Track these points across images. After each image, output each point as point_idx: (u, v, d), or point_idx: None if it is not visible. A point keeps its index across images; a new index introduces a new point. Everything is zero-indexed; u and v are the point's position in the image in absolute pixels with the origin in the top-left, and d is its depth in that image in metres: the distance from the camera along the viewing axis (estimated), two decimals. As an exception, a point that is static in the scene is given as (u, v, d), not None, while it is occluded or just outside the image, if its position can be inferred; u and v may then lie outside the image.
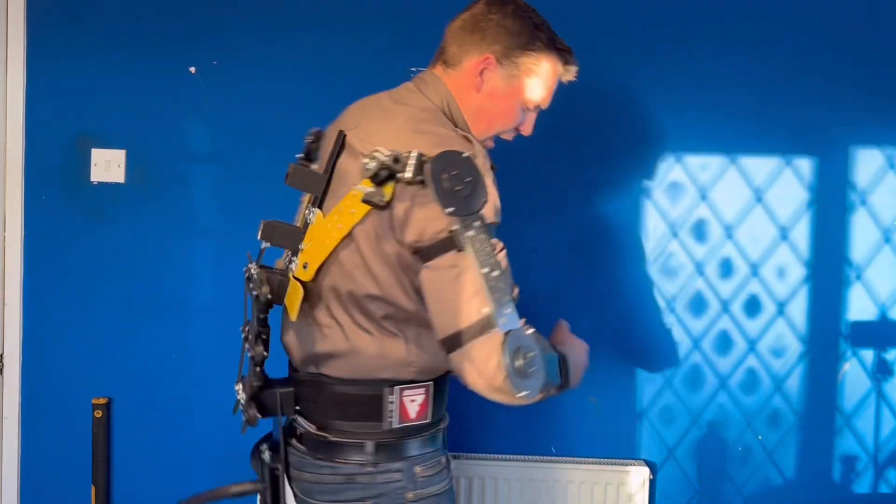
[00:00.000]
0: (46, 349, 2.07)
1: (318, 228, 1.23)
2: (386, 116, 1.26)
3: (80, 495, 2.07)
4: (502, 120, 1.32)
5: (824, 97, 2.01)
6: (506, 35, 1.27)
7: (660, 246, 2.03)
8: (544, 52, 1.28)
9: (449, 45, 1.31)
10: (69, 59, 2.04)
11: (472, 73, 1.28)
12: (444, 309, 1.13)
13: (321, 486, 1.25)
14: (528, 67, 1.28)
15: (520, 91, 1.30)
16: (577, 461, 2.02)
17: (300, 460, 1.29)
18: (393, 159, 1.11)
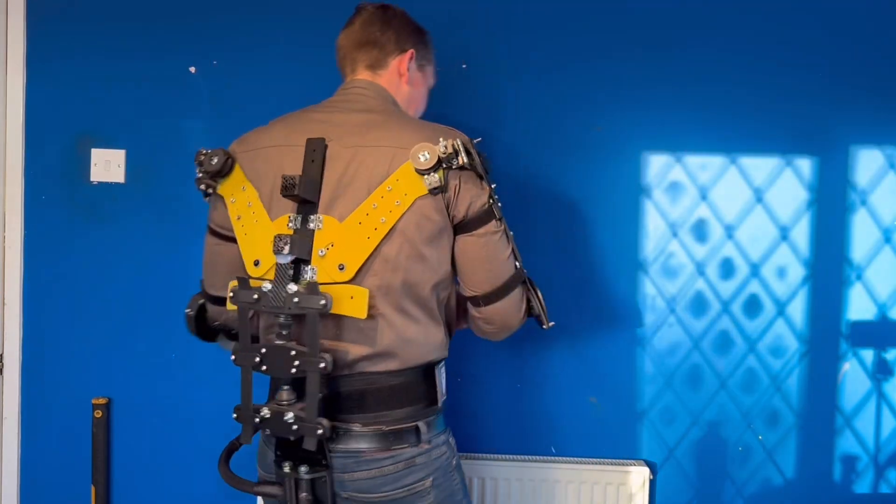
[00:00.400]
0: (46, 349, 2.07)
1: (339, 231, 1.27)
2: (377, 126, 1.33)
3: (80, 495, 2.07)
4: (422, 104, 1.54)
5: (825, 97, 2.01)
6: (413, 32, 1.47)
7: (660, 246, 2.03)
8: (429, 42, 1.52)
9: (361, 52, 1.44)
10: (69, 59, 2.04)
11: (400, 69, 1.45)
12: (492, 267, 1.35)
13: (383, 477, 1.30)
14: (429, 57, 1.52)
15: (427, 78, 1.53)
16: (577, 461, 2.02)
17: (352, 462, 1.30)
18: (451, 149, 1.26)
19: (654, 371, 2.05)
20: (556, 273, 2.02)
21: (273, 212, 1.31)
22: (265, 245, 1.29)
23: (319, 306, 1.22)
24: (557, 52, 2.02)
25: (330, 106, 1.39)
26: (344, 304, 1.26)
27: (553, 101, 2.03)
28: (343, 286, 1.26)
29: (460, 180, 1.29)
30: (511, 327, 1.43)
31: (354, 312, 1.26)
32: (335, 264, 1.27)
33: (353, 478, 1.30)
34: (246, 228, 1.33)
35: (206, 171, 1.36)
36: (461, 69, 2.03)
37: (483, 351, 2.03)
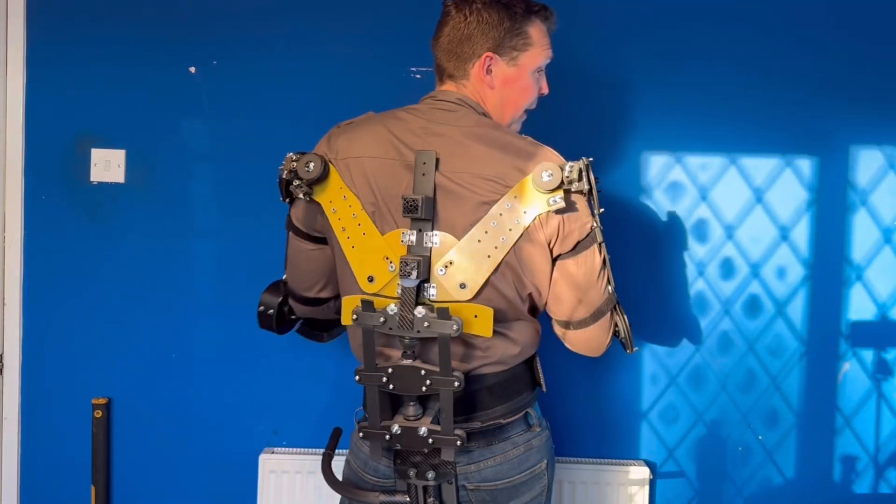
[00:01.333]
0: (46, 349, 2.07)
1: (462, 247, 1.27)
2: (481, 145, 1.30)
3: (80, 495, 2.07)
4: (525, 97, 1.42)
5: (824, 97, 2.01)
6: (490, 29, 1.35)
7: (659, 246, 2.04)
8: (527, 23, 1.37)
9: (446, 62, 1.39)
10: (69, 58, 2.04)
11: (480, 76, 1.37)
12: (589, 296, 1.35)
13: (508, 462, 1.35)
14: (522, 43, 1.37)
15: (525, 67, 1.39)
16: (577, 461, 2.02)
17: (476, 454, 1.34)
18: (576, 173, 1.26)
19: (654, 371, 2.05)
20: (556, 273, 2.02)
21: (381, 225, 1.30)
22: (378, 261, 1.28)
23: (452, 331, 1.23)
24: (557, 52, 2.02)
25: (419, 114, 1.35)
26: (471, 324, 1.27)
27: (553, 101, 2.02)
28: (466, 305, 1.27)
29: (578, 204, 1.30)
30: (595, 351, 1.43)
31: (480, 331, 1.27)
32: (456, 283, 1.27)
33: (479, 468, 1.34)
34: (353, 241, 1.31)
35: (300, 177, 1.31)
36: (461, 69, 2.02)
37: (483, 351, 2.03)
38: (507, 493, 1.35)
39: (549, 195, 1.25)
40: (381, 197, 1.29)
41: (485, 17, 1.34)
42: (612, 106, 2.02)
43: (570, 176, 1.26)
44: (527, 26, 1.37)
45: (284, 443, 2.06)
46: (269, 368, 2.04)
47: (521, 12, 1.36)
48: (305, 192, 1.33)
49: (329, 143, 1.36)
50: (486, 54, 1.35)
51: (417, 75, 2.01)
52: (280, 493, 1.99)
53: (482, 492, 1.35)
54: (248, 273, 2.01)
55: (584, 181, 1.27)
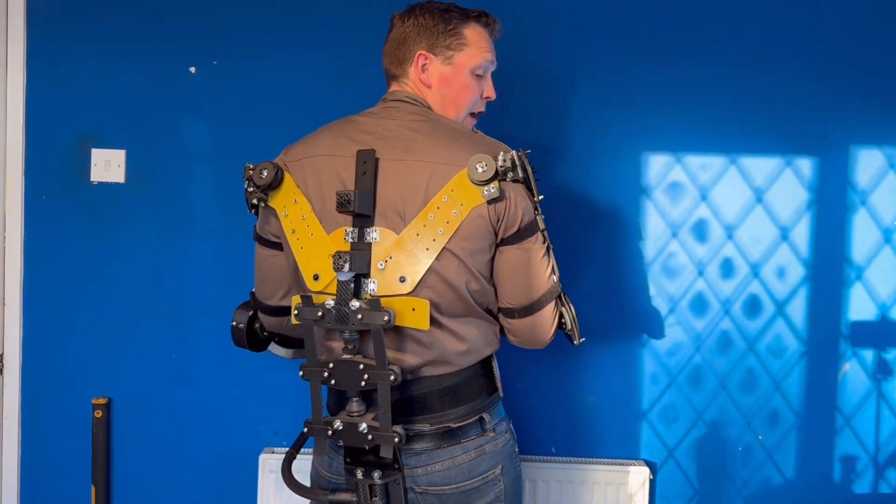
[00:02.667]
0: (46, 349, 2.07)
1: (401, 242, 1.28)
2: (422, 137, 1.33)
3: (80, 495, 2.07)
4: (465, 96, 1.45)
5: (825, 97, 2.01)
6: (424, 30, 1.41)
7: (660, 246, 2.03)
8: (461, 24, 1.43)
9: (389, 65, 1.45)
10: (69, 58, 2.04)
11: (417, 74, 1.42)
12: (533, 282, 1.36)
13: (456, 468, 1.34)
14: (456, 43, 1.42)
15: (461, 66, 1.43)
16: (577, 461, 2.02)
17: (425, 457, 1.33)
18: (510, 162, 1.29)
19: (654, 371, 2.05)
20: (556, 273, 2.03)
21: (327, 225, 1.32)
22: (323, 259, 1.30)
23: (383, 322, 1.24)
24: (558, 52, 2.02)
25: (371, 115, 1.40)
26: (406, 317, 1.28)
27: (553, 102, 2.03)
28: (404, 298, 1.28)
29: (515, 193, 1.31)
30: (539, 342, 1.43)
31: (417, 324, 1.28)
32: (396, 276, 1.28)
33: (427, 471, 1.33)
34: (302, 242, 1.33)
35: (256, 185, 1.36)
36: (461, 69, 2.02)
37: (483, 351, 2.03)
38: (457, 499, 1.34)
39: (483, 186, 1.27)
40: (327, 196, 1.32)
41: (420, 21, 1.42)
42: (612, 106, 2.02)
43: (504, 165, 1.28)
44: (462, 28, 1.42)
45: (284, 443, 2.06)
46: (269, 368, 2.04)
47: (456, 16, 1.43)
48: (260, 198, 1.37)
49: (286, 152, 1.42)
50: (420, 52, 1.41)
51: (417, 75, 2.01)
52: (280, 493, 1.99)
53: (430, 496, 1.34)
54: (247, 273, 1.99)
55: (518, 170, 1.29)
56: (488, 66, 1.47)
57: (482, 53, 1.44)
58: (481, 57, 1.44)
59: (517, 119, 2.02)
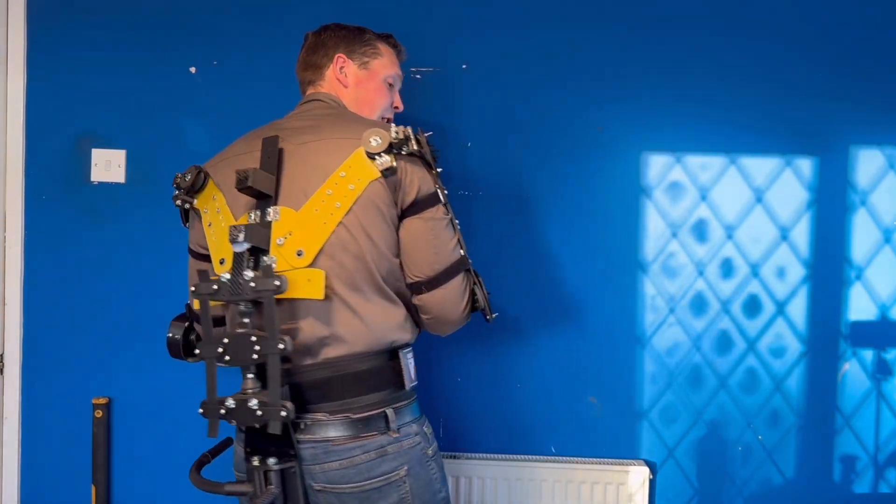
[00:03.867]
0: (46, 349, 2.08)
1: (296, 219, 1.31)
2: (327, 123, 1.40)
3: (80, 495, 2.08)
4: (379, 97, 1.55)
5: (825, 97, 2.01)
6: (342, 38, 1.54)
7: (660, 246, 2.03)
8: (376, 40, 1.56)
9: (304, 73, 1.55)
10: (69, 58, 2.04)
11: (335, 75, 1.51)
12: (436, 251, 1.37)
13: (354, 468, 1.31)
14: (372, 52, 1.54)
15: (376, 72, 1.54)
16: (577, 461, 2.02)
17: (321, 452, 1.31)
18: (403, 135, 1.32)
19: (654, 371, 2.05)
20: (556, 272, 2.02)
21: (237, 213, 1.36)
22: (228, 243, 1.33)
23: (273, 287, 1.25)
24: (558, 52, 2.02)
25: (288, 116, 1.48)
26: (300, 287, 1.29)
27: (554, 102, 2.03)
28: (300, 270, 1.30)
29: (410, 165, 1.34)
30: (450, 319, 1.42)
31: (311, 294, 1.29)
32: (293, 251, 1.30)
33: (324, 469, 1.31)
34: (215, 233, 1.38)
35: (179, 186, 1.42)
36: (461, 70, 2.03)
37: (482, 350, 2.03)
38: (357, 498, 1.32)
39: (379, 159, 1.31)
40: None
41: (337, 32, 1.54)
42: (612, 106, 2.02)
43: (397, 138, 1.32)
44: (376, 42, 1.56)
45: (284, 443, 2.06)
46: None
47: (370, 33, 1.57)
48: (184, 200, 1.43)
49: (211, 160, 1.47)
50: (339, 55, 1.51)
51: (417, 76, 2.01)
52: (280, 492, 1.99)
53: (329, 494, 1.32)
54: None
55: (412, 143, 1.33)
56: (397, 80, 1.59)
57: (393, 66, 1.58)
58: (392, 69, 1.57)
59: (517, 119, 2.02)
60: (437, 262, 1.37)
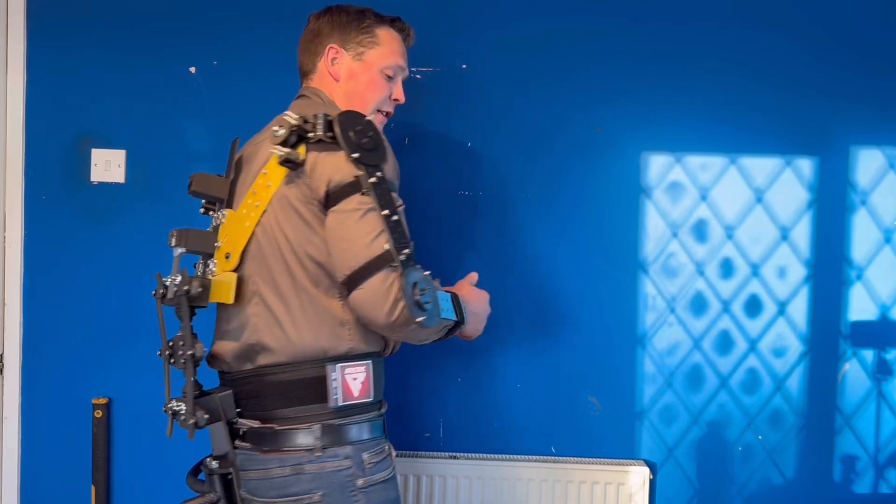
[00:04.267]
0: (46, 349, 2.07)
1: (231, 221, 1.31)
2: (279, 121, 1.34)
3: (80, 495, 2.07)
4: (372, 91, 1.45)
5: (825, 97, 2.01)
6: (337, 26, 1.44)
7: (660, 246, 2.03)
8: (376, 24, 1.45)
9: (302, 59, 1.48)
10: (69, 59, 2.04)
11: (326, 69, 1.44)
12: (349, 247, 1.22)
13: (269, 481, 1.26)
14: (368, 41, 1.44)
15: (372, 63, 1.44)
16: (577, 461, 2.02)
17: (246, 459, 1.30)
18: (303, 121, 1.23)
19: (654, 371, 2.05)
20: (557, 273, 2.02)
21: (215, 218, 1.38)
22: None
23: (183, 291, 1.25)
24: (558, 52, 2.02)
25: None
26: (218, 292, 1.29)
27: (554, 102, 2.03)
28: (224, 274, 1.29)
29: (322, 153, 1.25)
30: (378, 324, 1.23)
31: (223, 298, 1.28)
32: (223, 254, 1.30)
33: (247, 476, 1.30)
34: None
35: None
36: (461, 70, 2.03)
37: (482, 351, 2.03)
38: None
39: (278, 151, 1.24)
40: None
41: (335, 18, 1.44)
42: (612, 106, 2.02)
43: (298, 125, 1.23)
44: (375, 28, 1.45)
45: (284, 443, 2.06)
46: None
47: (371, 17, 1.45)
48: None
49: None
50: (331, 46, 1.43)
51: (417, 75, 2.01)
52: (280, 493, 1.99)
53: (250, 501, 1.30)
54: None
55: (319, 129, 1.22)
56: (398, 70, 1.48)
57: (394, 56, 1.46)
58: (392, 59, 1.46)
59: (517, 119, 2.02)
60: (351, 258, 1.21)
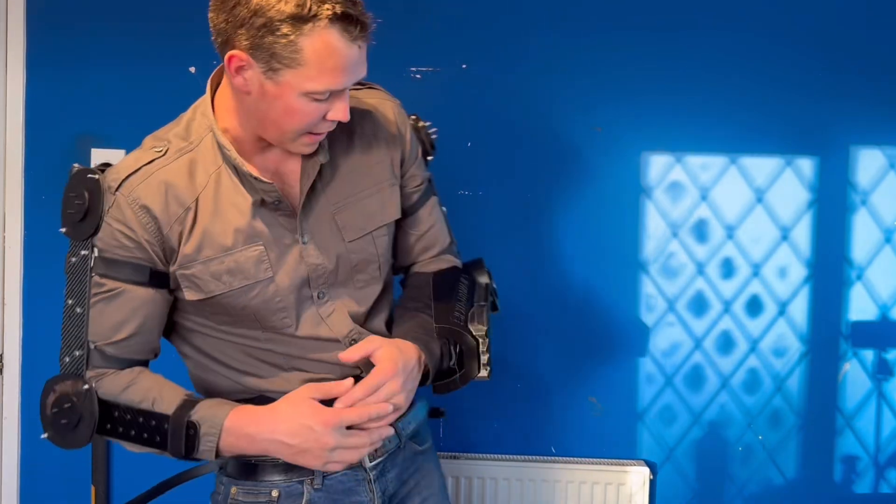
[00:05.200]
0: (46, 349, 2.06)
1: None
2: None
3: (80, 495, 2.07)
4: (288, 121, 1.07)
5: (825, 97, 2.00)
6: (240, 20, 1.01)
7: (660, 246, 2.03)
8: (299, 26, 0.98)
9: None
10: (69, 59, 2.04)
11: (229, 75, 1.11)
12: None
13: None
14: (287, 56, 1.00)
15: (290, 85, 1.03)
16: (577, 461, 2.02)
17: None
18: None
19: (654, 371, 2.05)
20: (556, 273, 2.02)
21: None
22: None
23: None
24: (558, 52, 2.02)
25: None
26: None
27: (553, 102, 2.02)
28: None
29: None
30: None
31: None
32: None
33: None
34: None
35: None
36: (461, 70, 2.02)
37: (483, 351, 2.03)
38: None
39: None
40: None
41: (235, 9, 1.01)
42: (612, 106, 2.01)
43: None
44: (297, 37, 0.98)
45: (284, 443, 2.06)
46: (268, 368, 2.04)
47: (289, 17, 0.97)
48: None
49: None
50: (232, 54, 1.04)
51: (417, 75, 2.01)
52: (280, 493, 1.99)
53: None
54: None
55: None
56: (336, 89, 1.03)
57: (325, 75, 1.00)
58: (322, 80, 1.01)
59: (517, 118, 2.02)
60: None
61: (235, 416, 1.07)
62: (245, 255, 1.09)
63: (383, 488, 1.20)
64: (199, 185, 1.10)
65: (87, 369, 1.11)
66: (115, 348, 1.12)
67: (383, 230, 1.19)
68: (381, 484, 1.20)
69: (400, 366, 1.07)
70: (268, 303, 1.10)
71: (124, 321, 1.11)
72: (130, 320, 1.11)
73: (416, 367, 1.11)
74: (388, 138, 1.21)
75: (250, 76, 1.03)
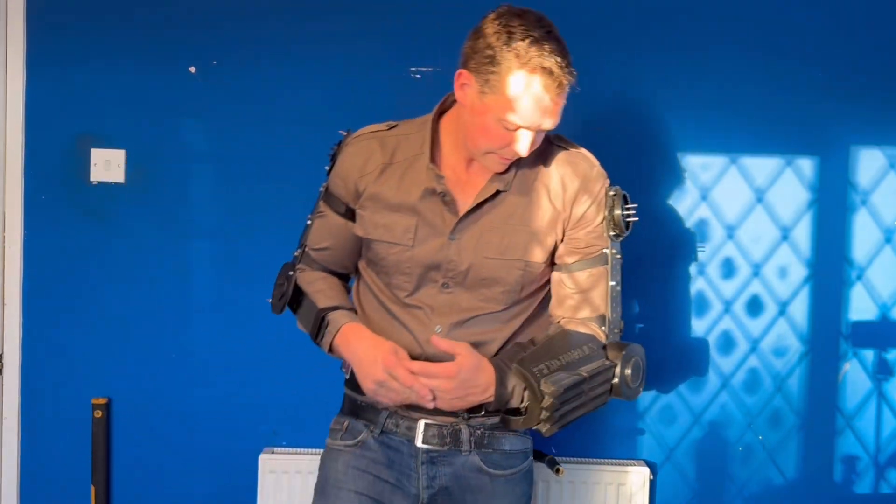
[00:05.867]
0: (46, 349, 2.07)
1: None
2: None
3: (80, 495, 2.07)
4: (482, 138, 1.28)
5: (826, 97, 2.00)
6: (471, 46, 1.28)
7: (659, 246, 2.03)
8: (513, 59, 1.22)
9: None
10: (69, 59, 2.04)
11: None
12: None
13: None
14: (494, 79, 1.24)
15: (488, 107, 1.25)
16: (577, 461, 2.02)
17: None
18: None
19: (654, 371, 2.05)
20: (557, 273, 2.02)
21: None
22: None
23: None
24: (557, 51, 2.02)
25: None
26: None
27: (553, 101, 2.02)
28: None
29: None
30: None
31: None
32: None
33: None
34: None
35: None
36: (461, 69, 2.02)
37: (483, 351, 2.03)
38: None
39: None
40: None
41: (478, 33, 1.28)
42: (612, 106, 2.01)
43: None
44: (505, 71, 1.23)
45: (284, 443, 2.06)
46: (269, 368, 2.04)
47: (502, 46, 1.23)
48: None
49: None
50: (461, 70, 1.31)
51: (417, 75, 2.01)
52: (280, 493, 1.99)
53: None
54: (247, 273, 2.01)
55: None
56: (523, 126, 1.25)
57: (519, 109, 1.23)
58: (514, 110, 1.23)
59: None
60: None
61: (349, 327, 1.37)
62: (400, 220, 1.35)
63: (432, 475, 1.38)
64: (397, 158, 1.38)
65: (299, 262, 1.48)
66: (316, 254, 1.47)
67: (519, 264, 1.35)
68: (430, 469, 1.38)
69: (464, 376, 1.26)
70: (399, 264, 1.35)
71: (323, 237, 1.46)
72: (327, 238, 1.45)
73: (479, 387, 1.28)
74: (564, 197, 1.37)
75: (468, 92, 1.28)
